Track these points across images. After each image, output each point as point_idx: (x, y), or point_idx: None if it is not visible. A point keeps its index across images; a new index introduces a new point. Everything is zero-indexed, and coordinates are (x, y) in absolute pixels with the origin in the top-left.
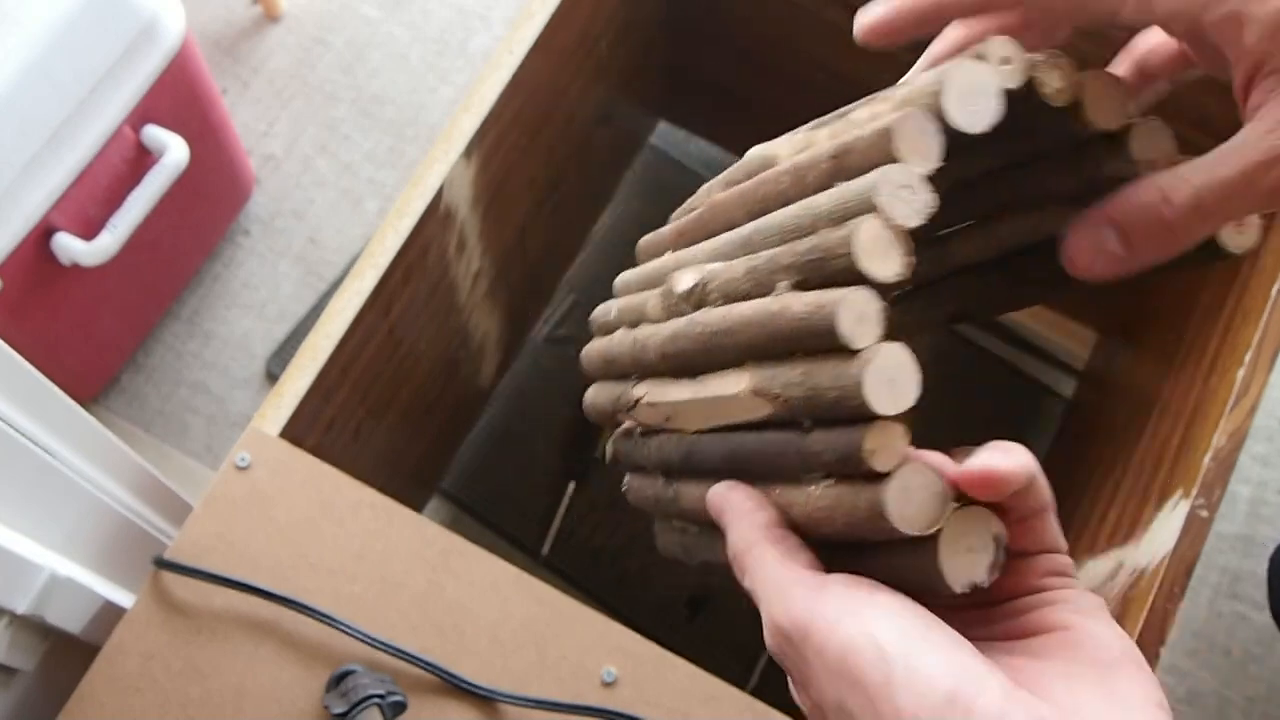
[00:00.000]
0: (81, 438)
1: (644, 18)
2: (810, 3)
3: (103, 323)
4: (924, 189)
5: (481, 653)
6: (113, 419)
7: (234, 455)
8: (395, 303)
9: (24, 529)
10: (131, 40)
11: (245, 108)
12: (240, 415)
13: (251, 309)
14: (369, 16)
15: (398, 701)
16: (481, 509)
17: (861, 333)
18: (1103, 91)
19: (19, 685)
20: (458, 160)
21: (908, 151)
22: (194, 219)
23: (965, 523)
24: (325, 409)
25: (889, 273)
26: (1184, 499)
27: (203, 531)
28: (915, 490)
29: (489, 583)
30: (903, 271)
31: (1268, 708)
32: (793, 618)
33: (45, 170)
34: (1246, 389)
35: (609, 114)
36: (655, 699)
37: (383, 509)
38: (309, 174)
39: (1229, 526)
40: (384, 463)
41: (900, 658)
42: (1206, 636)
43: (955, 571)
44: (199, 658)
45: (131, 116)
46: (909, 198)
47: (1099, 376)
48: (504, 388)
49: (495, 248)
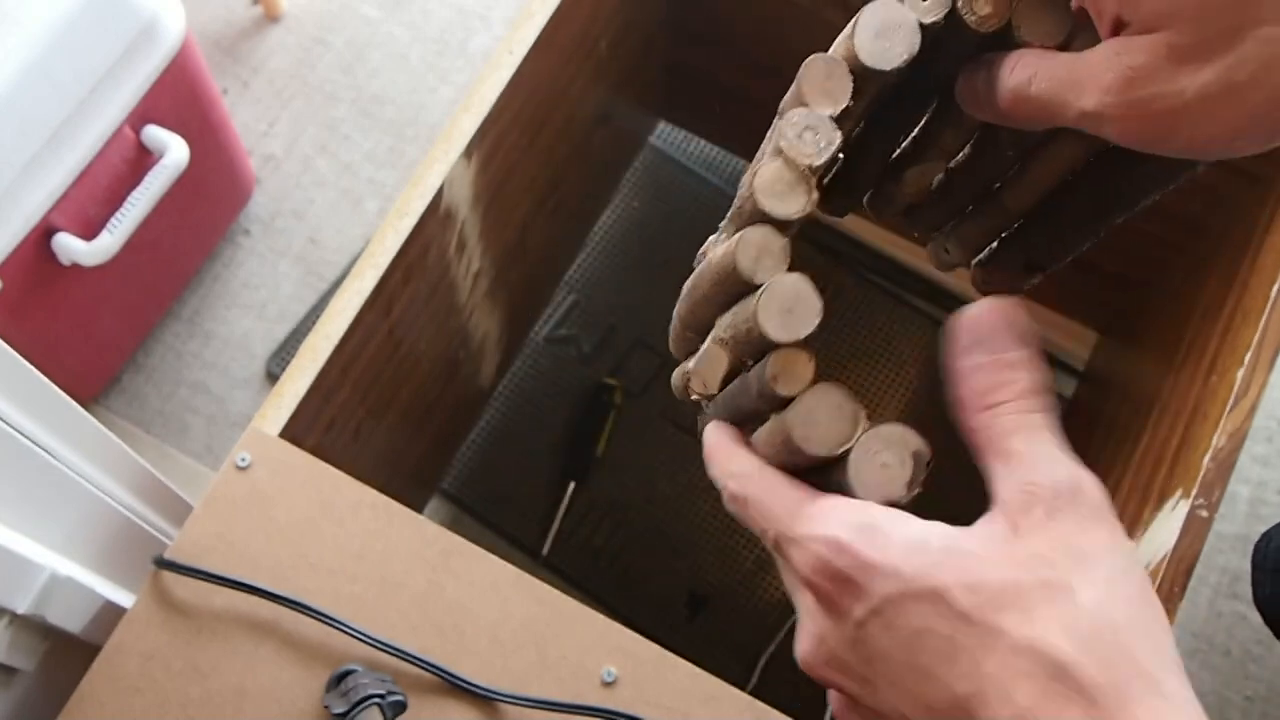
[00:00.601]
0: (82, 438)
1: (644, 18)
2: (810, 3)
3: (103, 323)
4: (828, 128)
5: (481, 653)
6: (113, 419)
7: (234, 455)
8: (395, 303)
9: (24, 529)
10: (131, 40)
11: (245, 108)
12: (240, 415)
13: (251, 309)
14: (369, 16)
15: (398, 701)
16: (481, 509)
17: (763, 267)
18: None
19: (19, 685)
20: (458, 160)
21: (813, 94)
22: (194, 219)
23: (879, 441)
24: (325, 409)
25: (791, 210)
26: (1184, 499)
27: (203, 531)
28: (821, 411)
29: (489, 583)
30: (805, 208)
31: (1267, 708)
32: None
33: (45, 170)
34: (1246, 389)
35: (609, 114)
36: (655, 699)
37: (383, 509)
38: (309, 174)
39: (1229, 526)
40: (384, 463)
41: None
42: (1206, 636)
43: (868, 489)
44: (199, 658)
45: (131, 116)
46: (812, 139)
47: (1099, 376)
48: (504, 388)
49: (495, 248)
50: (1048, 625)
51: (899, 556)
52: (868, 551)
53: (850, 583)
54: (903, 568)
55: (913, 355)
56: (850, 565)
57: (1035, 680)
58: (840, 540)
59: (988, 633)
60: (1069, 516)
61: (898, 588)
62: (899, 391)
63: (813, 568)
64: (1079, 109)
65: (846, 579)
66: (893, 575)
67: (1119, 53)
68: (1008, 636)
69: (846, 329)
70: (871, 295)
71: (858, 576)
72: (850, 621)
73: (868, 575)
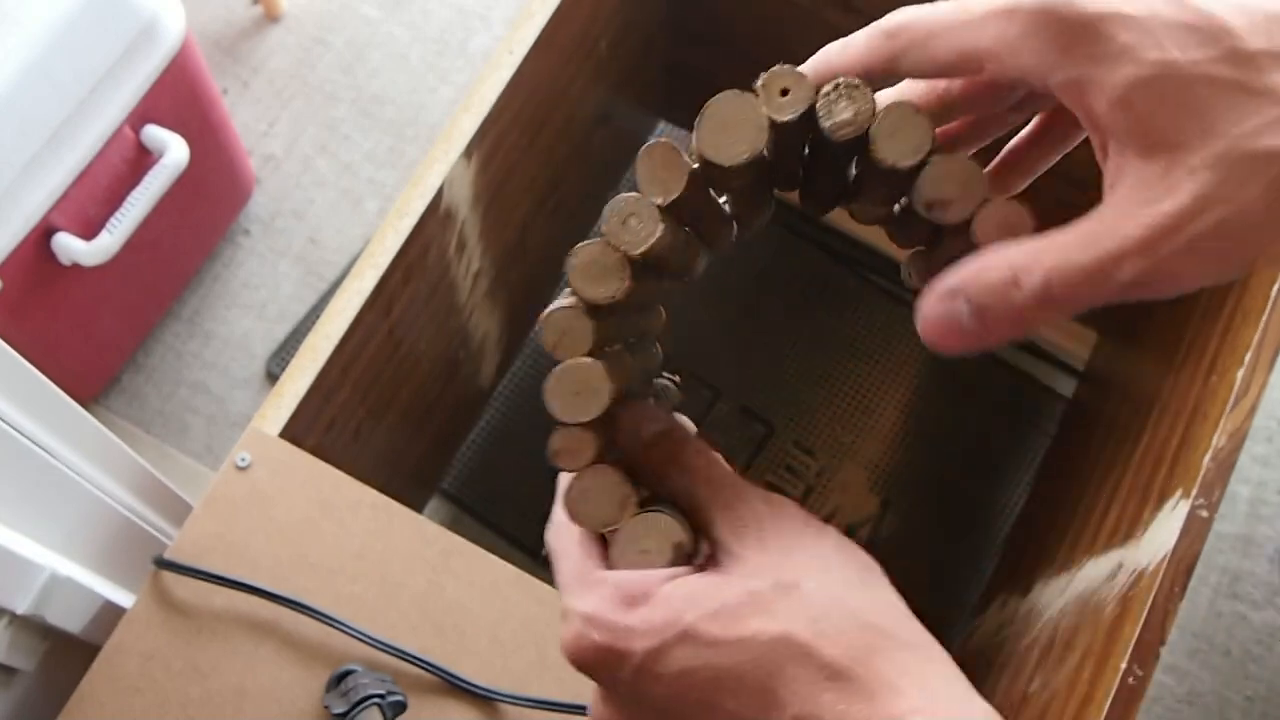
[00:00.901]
0: (81, 438)
1: (644, 18)
2: (809, 3)
3: (103, 323)
4: (651, 219)
5: (481, 653)
6: (113, 419)
7: (234, 455)
8: (395, 303)
9: (24, 529)
10: (131, 40)
11: (245, 108)
12: (240, 415)
13: (251, 309)
14: (369, 16)
15: (398, 701)
16: (481, 509)
17: (563, 347)
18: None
19: (19, 685)
20: (458, 160)
21: (648, 180)
22: (194, 219)
23: (643, 527)
24: (325, 409)
25: (600, 294)
26: (1184, 499)
27: (203, 531)
28: (594, 492)
29: (489, 583)
30: (616, 294)
31: (1267, 708)
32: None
33: (45, 170)
34: (1246, 389)
35: (609, 114)
36: None
37: (383, 509)
38: (309, 174)
39: (1229, 526)
40: (384, 463)
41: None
42: (1206, 636)
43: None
44: (199, 658)
45: (131, 116)
46: (635, 226)
47: (1099, 376)
48: (504, 388)
49: (495, 248)
50: (789, 617)
51: (646, 613)
52: (619, 617)
53: (610, 651)
54: (652, 622)
55: (912, 355)
56: (604, 636)
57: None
58: (594, 614)
59: (738, 647)
60: (778, 529)
61: (651, 642)
62: (898, 391)
63: (573, 646)
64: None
65: (606, 649)
66: (644, 632)
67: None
68: (757, 640)
69: (846, 329)
70: (871, 295)
71: (613, 643)
72: (621, 686)
73: (623, 638)
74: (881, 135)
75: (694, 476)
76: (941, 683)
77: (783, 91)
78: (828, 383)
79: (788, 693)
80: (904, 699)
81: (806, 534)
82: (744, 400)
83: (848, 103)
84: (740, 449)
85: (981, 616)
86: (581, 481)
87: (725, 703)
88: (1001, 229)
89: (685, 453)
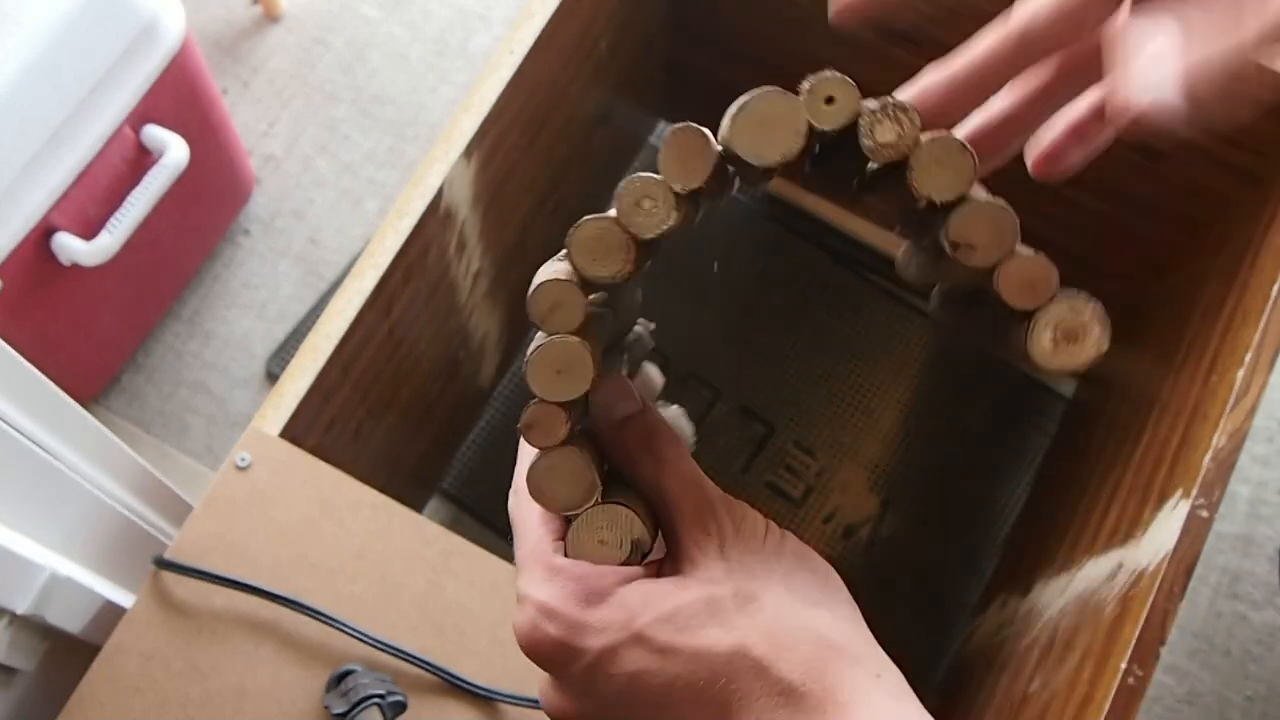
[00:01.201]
0: (81, 438)
1: (644, 18)
2: (810, 3)
3: (103, 323)
4: (667, 205)
5: (481, 653)
6: (113, 419)
7: (234, 455)
8: (395, 303)
9: (24, 529)
10: (131, 40)
11: (245, 108)
12: (240, 415)
13: (251, 309)
14: (369, 16)
15: (398, 701)
16: (481, 509)
17: (555, 319)
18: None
19: (19, 685)
20: (458, 160)
21: (672, 165)
22: (194, 219)
23: (604, 518)
24: (325, 409)
25: (601, 273)
26: (1184, 499)
27: (203, 531)
28: (560, 473)
29: (489, 583)
30: (617, 276)
31: (1267, 708)
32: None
33: (45, 170)
34: (1246, 389)
35: (609, 114)
36: None
37: (383, 509)
38: (309, 174)
39: (1229, 526)
40: (384, 463)
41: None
42: (1206, 636)
43: (585, 556)
44: (199, 658)
45: (131, 116)
46: (650, 209)
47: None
48: (504, 388)
49: (495, 248)
50: (746, 631)
51: (603, 612)
52: (575, 613)
53: (564, 646)
54: (608, 621)
55: (913, 355)
56: (559, 630)
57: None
58: (551, 606)
59: (692, 656)
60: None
61: (605, 641)
62: (898, 391)
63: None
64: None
65: (560, 643)
66: (599, 630)
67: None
68: (711, 651)
69: (846, 329)
70: (871, 295)
71: (568, 638)
72: (572, 679)
73: (578, 634)
74: (920, 165)
75: (662, 467)
76: (890, 701)
77: (828, 100)
78: (828, 383)
79: (740, 708)
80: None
81: (768, 544)
82: (744, 400)
83: (892, 124)
84: (740, 449)
85: (981, 616)
86: (549, 459)
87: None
88: (1024, 289)
89: (656, 440)
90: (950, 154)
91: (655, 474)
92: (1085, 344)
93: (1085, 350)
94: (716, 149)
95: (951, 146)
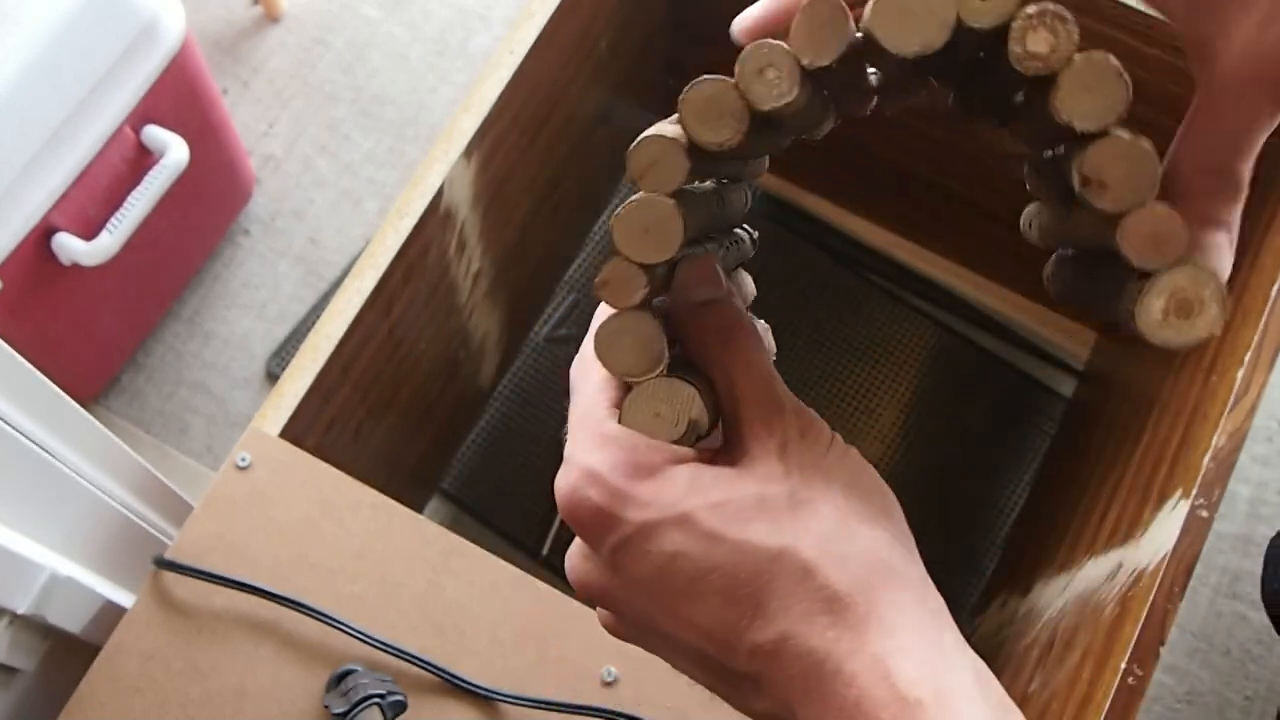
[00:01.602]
0: (81, 438)
1: (644, 18)
2: None
3: (103, 323)
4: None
5: (481, 653)
6: (113, 419)
7: (234, 455)
8: (395, 303)
9: (24, 529)
10: (131, 40)
11: (245, 108)
12: (240, 415)
13: (251, 309)
14: (369, 16)
15: (398, 701)
16: (481, 509)
17: (652, 177)
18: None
19: (19, 685)
20: (458, 160)
21: (802, 35)
22: (194, 219)
23: (665, 390)
24: (325, 409)
25: (710, 138)
26: (1184, 499)
27: (203, 531)
28: (628, 336)
29: (489, 583)
30: (727, 143)
31: (1267, 707)
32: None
33: (45, 170)
34: (1246, 389)
35: (609, 114)
36: (655, 699)
37: (383, 509)
38: (309, 174)
39: (1229, 526)
40: (384, 463)
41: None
42: (1206, 636)
43: (638, 427)
44: (199, 658)
45: (131, 116)
46: (773, 79)
47: (1099, 376)
48: (504, 388)
49: (495, 248)
50: (796, 534)
51: (651, 487)
52: (621, 483)
53: (605, 514)
54: (654, 497)
55: (912, 355)
56: (602, 497)
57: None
58: (598, 472)
59: (736, 548)
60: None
61: (648, 516)
62: (898, 391)
63: (569, 499)
64: None
65: (601, 510)
66: (644, 504)
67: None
68: (757, 547)
69: (846, 329)
70: (871, 295)
71: (610, 506)
72: (605, 550)
73: (620, 505)
74: (1068, 84)
75: (735, 356)
76: (931, 627)
77: None
78: (827, 383)
79: (778, 607)
80: (892, 638)
81: (831, 455)
82: None
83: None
84: None
85: (981, 616)
86: (620, 321)
87: (706, 599)
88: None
89: (736, 330)
90: (1104, 79)
91: (728, 362)
92: (1198, 321)
93: (1196, 328)
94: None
95: (1107, 72)
